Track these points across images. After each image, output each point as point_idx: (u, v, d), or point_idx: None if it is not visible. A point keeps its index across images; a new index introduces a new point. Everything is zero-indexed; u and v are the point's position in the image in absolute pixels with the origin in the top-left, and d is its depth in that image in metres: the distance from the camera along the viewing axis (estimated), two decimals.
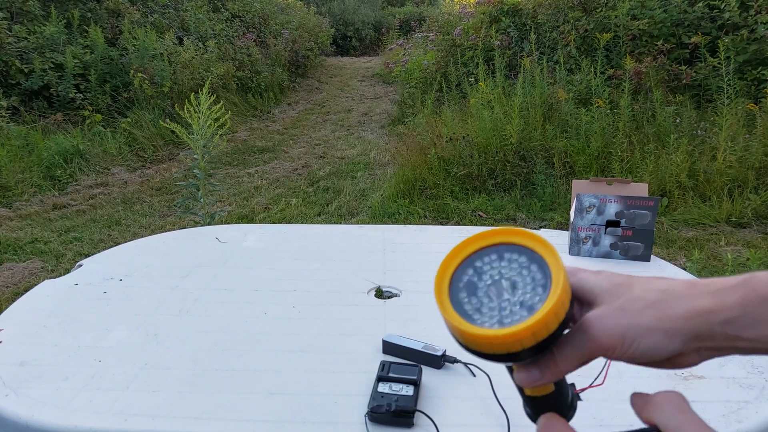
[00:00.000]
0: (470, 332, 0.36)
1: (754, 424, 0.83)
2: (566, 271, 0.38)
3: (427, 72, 6.56)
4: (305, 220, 3.92)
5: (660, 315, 0.37)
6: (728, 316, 0.36)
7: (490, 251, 0.41)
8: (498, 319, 0.37)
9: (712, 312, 0.37)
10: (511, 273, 0.39)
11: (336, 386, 0.92)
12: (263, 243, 1.55)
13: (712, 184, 3.82)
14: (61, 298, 1.22)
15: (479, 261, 0.41)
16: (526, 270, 0.39)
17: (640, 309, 0.38)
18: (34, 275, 3.08)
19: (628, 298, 0.38)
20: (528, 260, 0.39)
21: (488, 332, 0.36)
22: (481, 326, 0.37)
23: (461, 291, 0.40)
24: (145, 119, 5.60)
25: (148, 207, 4.19)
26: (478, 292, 0.39)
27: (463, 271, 0.41)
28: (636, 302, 0.38)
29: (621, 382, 0.91)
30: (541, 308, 0.36)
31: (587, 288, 0.40)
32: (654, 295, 0.38)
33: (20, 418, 0.84)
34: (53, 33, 5.75)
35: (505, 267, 0.40)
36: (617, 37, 5.11)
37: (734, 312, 0.36)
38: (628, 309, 0.38)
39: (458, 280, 0.40)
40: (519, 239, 0.41)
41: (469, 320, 0.38)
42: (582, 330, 0.38)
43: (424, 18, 11.86)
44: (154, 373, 0.96)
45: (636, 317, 0.37)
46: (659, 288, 0.39)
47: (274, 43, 8.81)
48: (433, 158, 4.38)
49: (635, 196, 1.40)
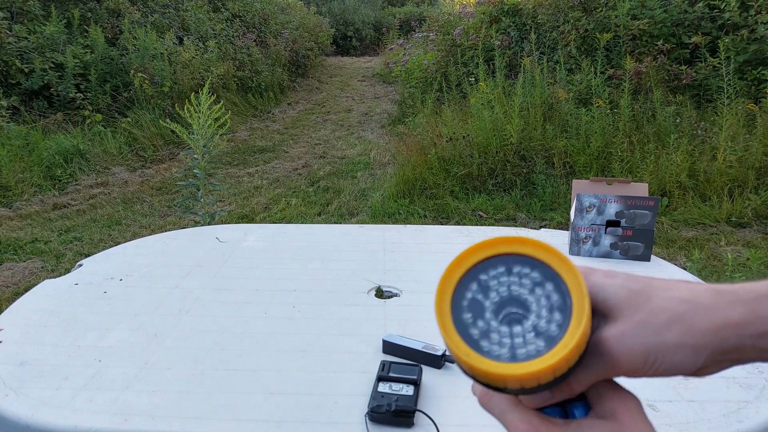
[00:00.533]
0: (481, 368, 0.32)
1: (754, 424, 0.83)
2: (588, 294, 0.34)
3: (427, 72, 6.56)
4: (305, 220, 3.92)
5: (686, 330, 0.33)
6: (763, 328, 0.33)
7: (496, 262, 0.36)
8: (509, 349, 0.33)
9: (744, 324, 0.33)
10: (521, 291, 0.35)
11: (336, 386, 0.92)
12: (263, 243, 1.55)
13: (712, 184, 3.82)
14: (61, 298, 1.22)
15: (484, 274, 0.36)
16: (539, 288, 0.34)
17: (664, 323, 0.33)
18: (34, 275, 3.08)
19: (650, 310, 0.34)
20: (541, 276, 0.35)
21: (502, 369, 0.32)
22: (491, 357, 0.33)
23: (465, 311, 0.35)
24: (145, 119, 5.60)
25: (148, 207, 4.19)
26: (485, 314, 0.34)
27: (466, 285, 0.36)
28: (659, 315, 0.34)
29: None
30: (562, 342, 0.32)
31: (601, 296, 0.36)
32: (678, 306, 0.34)
33: (20, 418, 0.84)
34: (53, 33, 5.75)
35: (514, 283, 0.35)
36: (617, 37, 5.11)
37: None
38: (651, 324, 0.34)
39: (461, 296, 0.35)
40: (530, 250, 0.35)
41: (477, 348, 0.33)
42: (599, 352, 0.34)
43: (424, 18, 11.87)
44: (154, 373, 0.96)
45: (660, 334, 0.33)
46: (683, 297, 0.34)
47: (275, 43, 8.81)
48: (433, 158, 4.38)
49: (635, 196, 1.40)
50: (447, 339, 0.34)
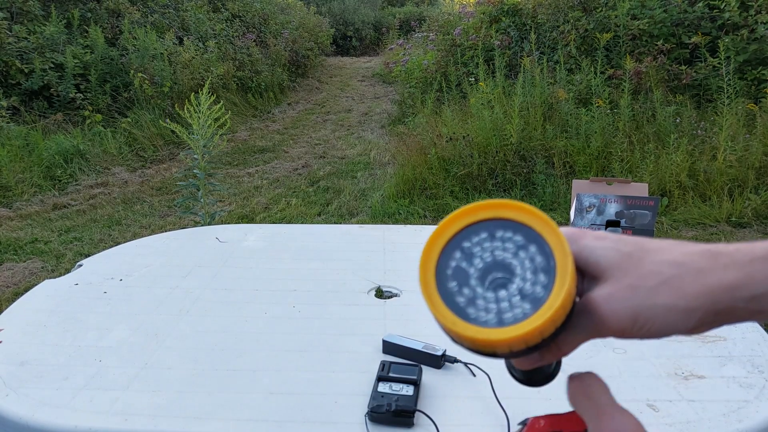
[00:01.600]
0: (468, 335, 0.32)
1: (754, 423, 0.83)
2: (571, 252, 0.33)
3: (427, 72, 6.56)
4: (305, 220, 3.92)
5: (677, 293, 0.33)
6: (757, 291, 0.32)
7: (478, 228, 0.35)
8: (496, 314, 0.33)
9: (738, 287, 0.33)
10: (505, 255, 0.34)
11: (336, 386, 0.92)
12: (263, 243, 1.55)
13: (712, 184, 3.82)
14: (61, 298, 1.22)
15: (467, 241, 0.35)
16: (523, 251, 0.34)
17: (653, 287, 0.33)
18: (34, 275, 3.08)
19: (640, 273, 0.34)
20: (524, 239, 0.34)
21: (489, 335, 0.32)
22: (478, 324, 0.33)
23: (450, 280, 0.34)
24: (145, 119, 5.60)
25: (148, 207, 4.19)
26: (470, 281, 0.34)
27: (449, 254, 0.35)
28: (649, 278, 0.33)
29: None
30: (547, 303, 0.32)
31: (591, 259, 0.35)
32: (669, 270, 0.33)
33: (20, 418, 0.84)
34: (53, 33, 5.75)
35: (498, 248, 0.34)
36: (617, 37, 5.11)
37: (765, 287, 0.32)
38: (641, 287, 0.33)
39: (445, 266, 0.35)
40: (511, 213, 0.35)
41: (463, 316, 0.33)
42: (588, 312, 0.34)
43: (424, 18, 11.86)
44: (154, 373, 0.96)
45: (649, 296, 0.33)
46: (675, 260, 0.34)
47: (274, 43, 8.81)
48: (433, 158, 4.38)
49: (635, 196, 1.40)
50: (432, 308, 0.34)
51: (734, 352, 1.00)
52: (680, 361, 0.98)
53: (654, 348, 1.01)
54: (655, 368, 0.96)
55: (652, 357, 0.99)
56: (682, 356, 0.99)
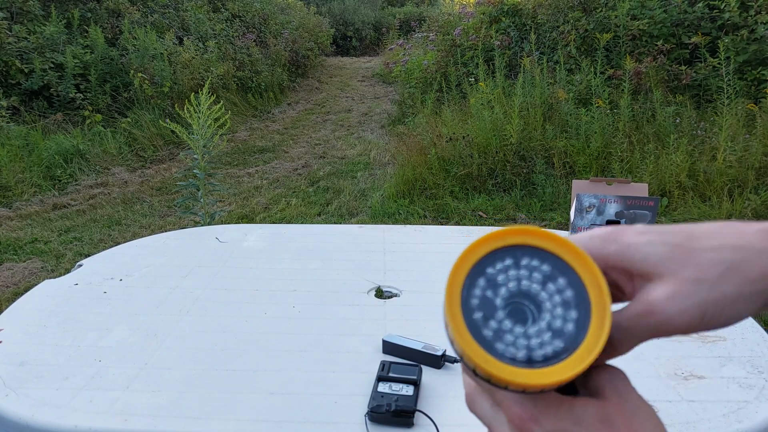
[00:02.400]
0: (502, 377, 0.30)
1: (754, 424, 0.83)
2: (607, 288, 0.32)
3: (427, 72, 6.56)
4: (305, 220, 3.92)
5: (741, 279, 0.31)
6: None
7: (503, 254, 0.33)
8: (526, 349, 0.31)
9: None
10: (532, 285, 0.32)
11: (336, 386, 0.92)
12: (263, 243, 1.55)
13: (712, 184, 3.82)
14: (61, 298, 1.22)
15: (491, 267, 0.33)
16: (551, 283, 0.32)
17: (719, 276, 0.31)
18: (34, 275, 3.08)
19: (699, 264, 0.31)
20: (552, 269, 0.33)
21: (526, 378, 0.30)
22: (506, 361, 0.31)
23: (475, 310, 0.32)
24: (145, 119, 5.60)
25: (148, 207, 4.19)
26: (496, 312, 0.32)
27: (473, 281, 0.33)
28: (711, 269, 0.31)
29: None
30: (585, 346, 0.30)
31: (638, 257, 0.33)
32: (731, 255, 0.31)
33: (20, 418, 0.84)
34: (53, 33, 5.75)
35: (524, 277, 0.33)
36: (617, 37, 5.11)
37: None
38: (705, 279, 0.31)
39: (469, 294, 0.33)
40: (538, 241, 0.33)
41: (492, 352, 0.31)
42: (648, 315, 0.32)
43: (424, 18, 11.87)
44: (154, 373, 0.96)
45: (716, 288, 0.31)
46: (734, 244, 0.32)
47: (274, 43, 8.81)
48: (433, 158, 4.39)
49: (635, 196, 1.40)
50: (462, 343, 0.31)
51: (734, 352, 1.00)
52: (680, 361, 0.98)
53: (654, 348, 1.01)
54: (654, 368, 0.96)
55: (651, 357, 0.99)
56: (681, 356, 0.99)
